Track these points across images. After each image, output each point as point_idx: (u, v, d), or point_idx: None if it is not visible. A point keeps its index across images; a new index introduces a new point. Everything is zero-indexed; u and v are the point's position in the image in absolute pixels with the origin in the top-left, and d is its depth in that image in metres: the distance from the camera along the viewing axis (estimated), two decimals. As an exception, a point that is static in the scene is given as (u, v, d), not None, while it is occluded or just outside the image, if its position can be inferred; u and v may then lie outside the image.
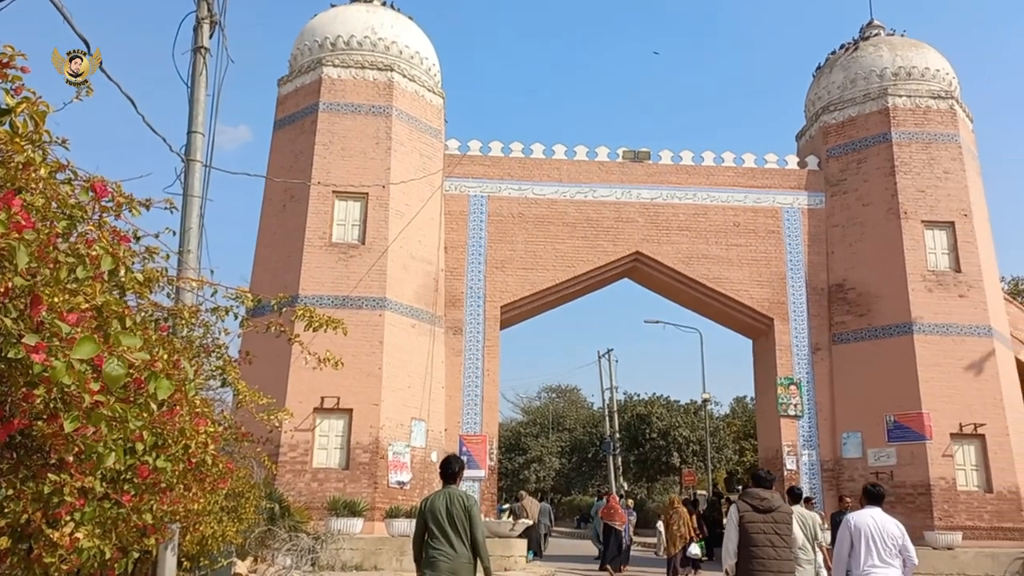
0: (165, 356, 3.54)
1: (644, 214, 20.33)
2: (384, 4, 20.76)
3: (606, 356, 41.44)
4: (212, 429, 4.31)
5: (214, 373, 5.94)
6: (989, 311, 18.85)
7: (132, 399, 3.09)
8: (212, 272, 6.45)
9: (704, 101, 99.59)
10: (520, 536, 16.54)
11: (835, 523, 13.76)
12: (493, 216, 20.03)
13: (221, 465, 5.42)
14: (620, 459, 38.61)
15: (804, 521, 8.47)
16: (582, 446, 43.43)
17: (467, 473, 18.29)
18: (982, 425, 17.91)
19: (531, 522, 17.75)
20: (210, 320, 5.36)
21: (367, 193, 18.15)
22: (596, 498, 27.60)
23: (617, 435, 38.47)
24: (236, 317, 5.11)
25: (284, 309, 5.23)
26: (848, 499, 14.27)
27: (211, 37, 8.15)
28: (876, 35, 21.89)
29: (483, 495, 18.31)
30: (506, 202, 20.15)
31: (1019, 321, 21.07)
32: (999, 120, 79.58)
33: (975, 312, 18.74)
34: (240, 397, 6.55)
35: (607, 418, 40.15)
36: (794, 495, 9.89)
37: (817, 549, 8.54)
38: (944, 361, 18.35)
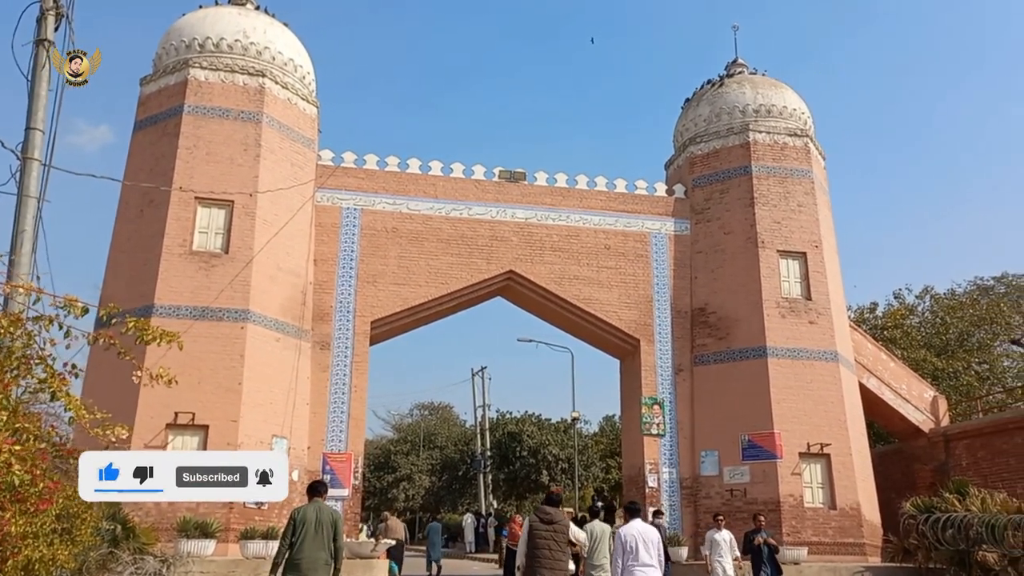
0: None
1: (518, 233, 20.52)
2: (258, 8, 20.19)
3: (480, 374, 41.55)
4: (19, 447, 3.97)
5: (40, 386, 5.52)
6: (836, 337, 19.98)
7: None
8: (39, 279, 6.01)
9: (580, 126, 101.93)
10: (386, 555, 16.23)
11: (748, 540, 14.16)
12: (366, 230, 19.73)
13: (42, 484, 5.06)
14: (491, 477, 38.65)
15: (604, 533, 9.79)
16: (453, 464, 43.17)
17: (331, 492, 17.81)
18: (828, 445, 18.88)
19: (393, 542, 17.47)
20: (34, 330, 4.98)
21: (233, 201, 17.51)
22: (432, 520, 27.87)
23: (488, 453, 38.50)
24: (61, 327, 4.76)
25: (115, 320, 4.90)
26: (762, 518, 14.87)
27: (56, 30, 7.67)
28: (740, 73, 23.00)
29: (347, 515, 17.84)
30: (380, 216, 19.89)
31: (862, 348, 22.46)
32: (848, 158, 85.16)
33: (823, 338, 19.83)
34: (71, 411, 6.13)
35: (479, 436, 40.12)
36: (593, 512, 11.09)
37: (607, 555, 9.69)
38: (794, 384, 19.31)
